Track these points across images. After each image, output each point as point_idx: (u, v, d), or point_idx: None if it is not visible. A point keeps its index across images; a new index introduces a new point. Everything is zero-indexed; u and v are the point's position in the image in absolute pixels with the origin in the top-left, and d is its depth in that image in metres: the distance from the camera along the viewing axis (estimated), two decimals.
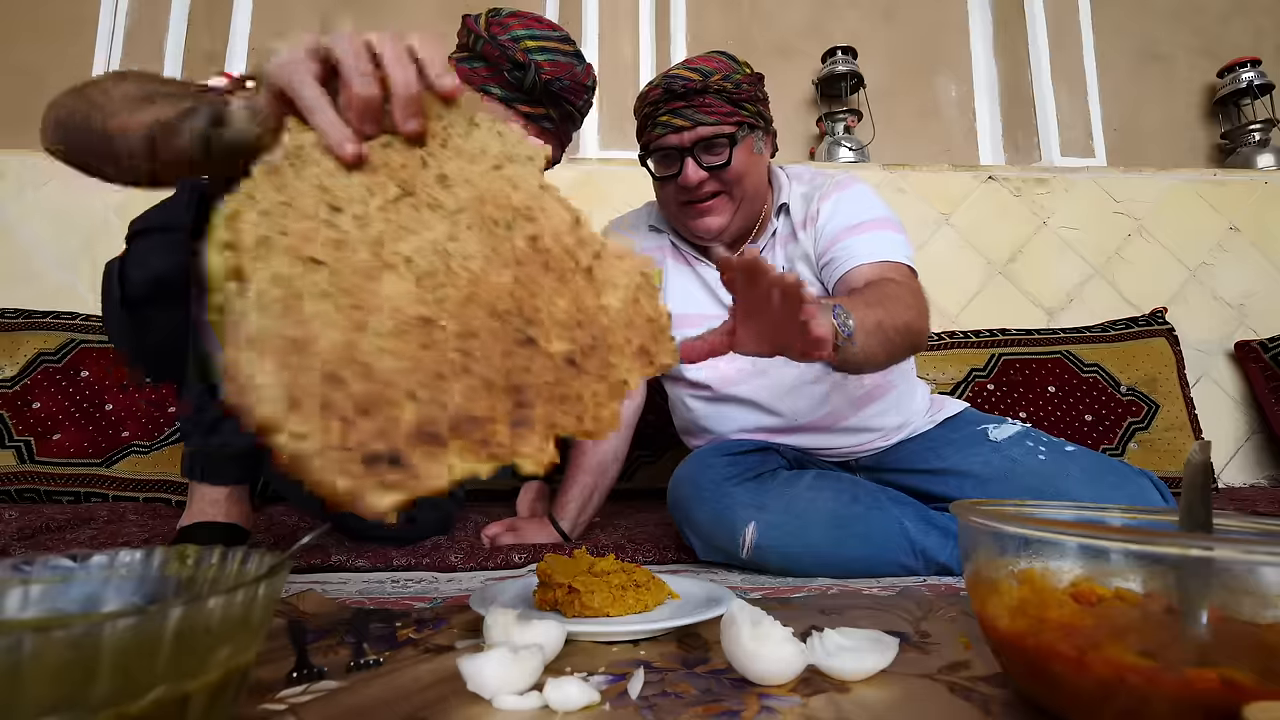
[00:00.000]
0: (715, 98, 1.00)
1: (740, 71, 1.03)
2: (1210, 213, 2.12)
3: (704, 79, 1.00)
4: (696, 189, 1.03)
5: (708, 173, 1.02)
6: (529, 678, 0.46)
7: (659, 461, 1.62)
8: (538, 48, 0.92)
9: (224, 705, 0.35)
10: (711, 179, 1.03)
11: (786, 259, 1.10)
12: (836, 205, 1.06)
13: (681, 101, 1.00)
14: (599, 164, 2.08)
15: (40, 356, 1.62)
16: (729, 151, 1.01)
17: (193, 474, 0.92)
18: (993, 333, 1.89)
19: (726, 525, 0.93)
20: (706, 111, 1.00)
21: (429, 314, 0.36)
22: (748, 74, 1.04)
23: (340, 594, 0.80)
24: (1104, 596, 0.43)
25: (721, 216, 1.06)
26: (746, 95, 1.02)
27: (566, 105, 0.95)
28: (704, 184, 1.03)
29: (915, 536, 0.93)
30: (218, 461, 0.91)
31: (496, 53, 0.91)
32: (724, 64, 1.03)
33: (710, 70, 1.01)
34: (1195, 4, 2.43)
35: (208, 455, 0.91)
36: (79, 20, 2.17)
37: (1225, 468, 1.94)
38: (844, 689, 0.47)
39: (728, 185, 1.04)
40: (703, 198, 1.04)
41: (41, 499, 1.44)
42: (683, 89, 1.00)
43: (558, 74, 0.92)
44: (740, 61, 1.06)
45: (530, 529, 1.12)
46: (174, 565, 0.44)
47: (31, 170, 1.97)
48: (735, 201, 1.06)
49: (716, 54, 1.06)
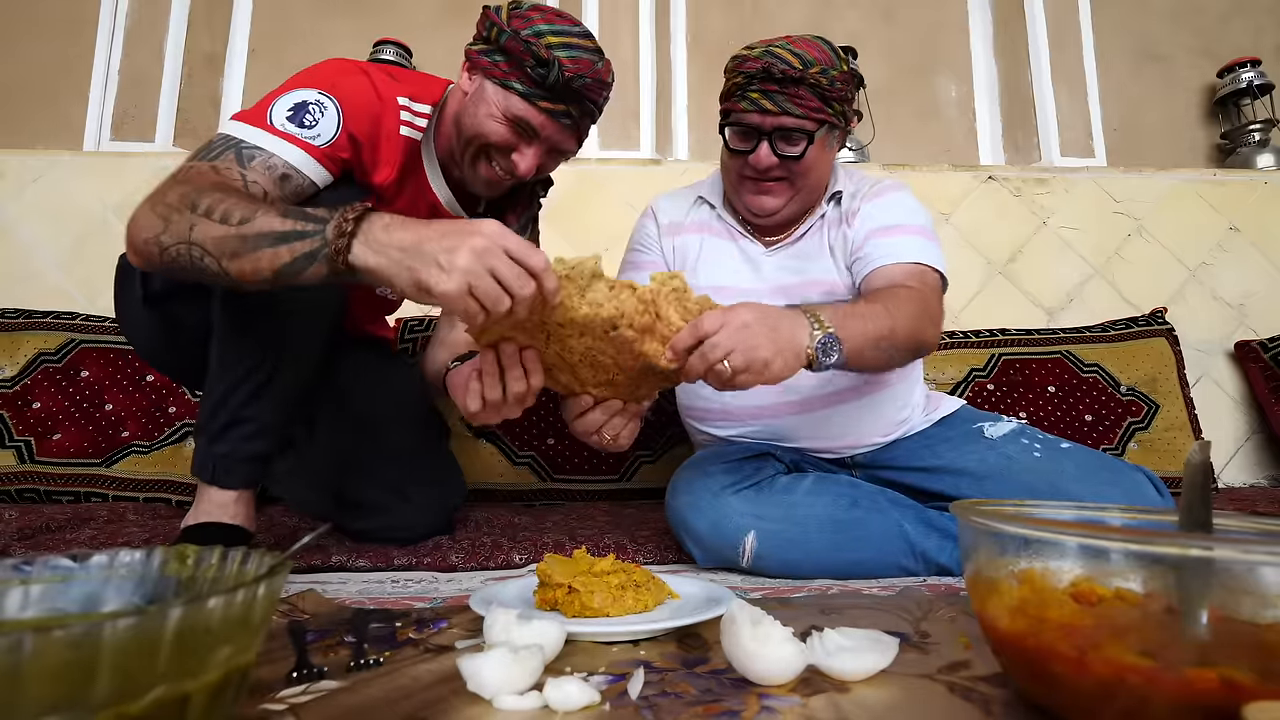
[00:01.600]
0: (809, 90, 0.99)
1: (838, 67, 1.01)
2: (1210, 213, 2.12)
3: (803, 69, 0.98)
4: (764, 171, 1.04)
5: (779, 159, 1.02)
6: (529, 678, 0.46)
7: (659, 461, 1.62)
8: (561, 44, 0.90)
9: (224, 705, 0.35)
10: (780, 166, 1.03)
11: (828, 245, 1.12)
12: (877, 207, 1.08)
13: (775, 85, 0.99)
14: (599, 164, 2.08)
15: (40, 356, 1.62)
16: (806, 146, 1.01)
17: (203, 475, 0.92)
18: (993, 333, 1.89)
19: (726, 535, 0.93)
20: (797, 102, 0.99)
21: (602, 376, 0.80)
22: (843, 71, 1.02)
23: (340, 594, 0.80)
24: (1104, 596, 0.43)
25: (779, 199, 1.07)
26: (838, 94, 1.01)
27: (587, 102, 0.94)
28: (773, 169, 1.04)
29: (915, 539, 0.93)
30: (229, 465, 0.92)
31: (520, 48, 0.90)
32: (826, 56, 1.01)
33: (812, 61, 0.99)
34: (1195, 4, 2.42)
35: (220, 458, 0.91)
36: (79, 20, 2.17)
37: (1225, 468, 1.94)
38: (844, 689, 0.47)
39: (793, 176, 1.05)
40: (768, 179, 1.06)
41: (41, 499, 1.44)
42: (781, 73, 0.98)
43: (580, 71, 0.91)
44: (841, 56, 1.04)
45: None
46: (174, 565, 0.44)
47: (31, 170, 1.97)
48: (795, 190, 1.07)
49: (820, 41, 1.03)
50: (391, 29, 2.21)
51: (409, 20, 2.25)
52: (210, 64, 2.23)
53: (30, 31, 2.18)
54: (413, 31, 2.21)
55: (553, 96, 0.92)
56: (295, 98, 0.88)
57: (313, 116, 0.87)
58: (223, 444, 0.91)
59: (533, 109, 0.92)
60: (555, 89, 0.91)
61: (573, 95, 0.92)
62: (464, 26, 2.24)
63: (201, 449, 0.93)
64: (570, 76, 0.90)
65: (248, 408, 0.91)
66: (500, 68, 0.92)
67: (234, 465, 0.92)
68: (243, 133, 0.85)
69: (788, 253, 1.13)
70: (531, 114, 0.93)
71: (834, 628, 0.52)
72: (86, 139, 2.12)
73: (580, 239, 1.97)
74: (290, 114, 0.87)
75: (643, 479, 1.59)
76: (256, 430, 0.92)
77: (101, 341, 1.66)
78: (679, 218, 1.19)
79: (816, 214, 1.13)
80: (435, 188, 1.05)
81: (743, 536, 0.92)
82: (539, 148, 0.96)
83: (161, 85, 2.13)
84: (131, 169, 1.98)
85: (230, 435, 0.91)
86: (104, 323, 1.71)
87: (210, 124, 2.21)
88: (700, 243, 1.16)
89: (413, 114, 0.97)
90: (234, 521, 0.92)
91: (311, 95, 0.89)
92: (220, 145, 0.84)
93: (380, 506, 1.06)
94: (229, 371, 0.91)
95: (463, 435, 1.57)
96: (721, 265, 1.14)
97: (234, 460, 0.92)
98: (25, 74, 2.16)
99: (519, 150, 0.95)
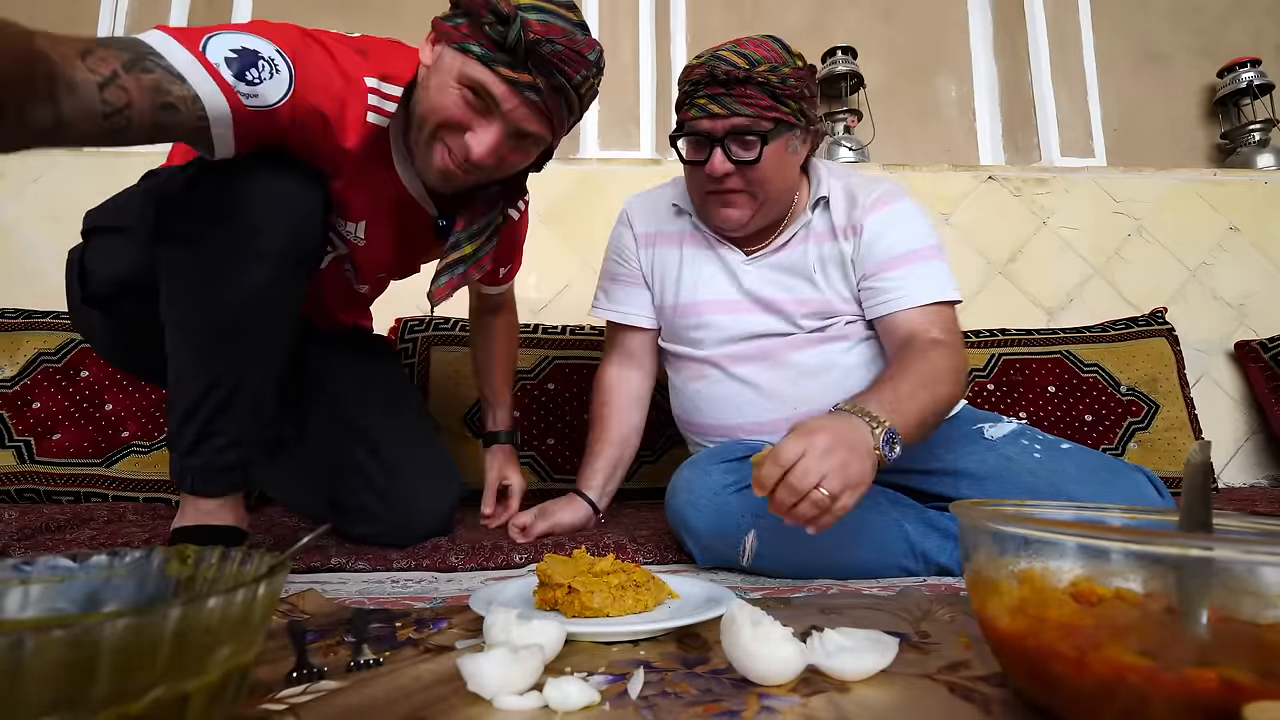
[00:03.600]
0: (757, 89, 0.96)
1: (790, 64, 0.98)
2: (1210, 213, 2.12)
3: (749, 68, 0.95)
4: (721, 180, 1.01)
5: (735, 166, 1.00)
6: (529, 678, 0.46)
7: (659, 461, 1.62)
8: (531, 5, 0.79)
9: (224, 705, 0.35)
10: (737, 174, 1.00)
11: (819, 258, 1.08)
12: (883, 224, 1.04)
13: (721, 88, 0.96)
14: (599, 164, 2.08)
15: (40, 356, 1.62)
16: (760, 149, 0.98)
17: (183, 485, 0.89)
18: (993, 333, 1.89)
19: (726, 534, 0.93)
20: (745, 103, 0.96)
21: None
22: (797, 67, 0.99)
23: (340, 594, 0.80)
24: (1104, 596, 0.43)
25: (743, 210, 1.05)
26: (791, 91, 0.97)
27: (558, 74, 0.81)
28: (729, 177, 1.01)
29: (915, 539, 0.93)
30: (208, 476, 0.88)
31: (479, 4, 0.79)
32: (774, 53, 0.98)
33: (758, 59, 0.96)
34: (1195, 4, 2.43)
35: (197, 470, 0.88)
36: (79, 20, 2.16)
37: (1225, 468, 1.94)
38: (844, 689, 0.47)
39: (752, 185, 1.02)
40: (726, 189, 1.03)
41: (41, 499, 1.44)
42: (725, 75, 0.95)
43: (548, 35, 0.78)
44: (793, 53, 1.00)
45: (557, 509, 1.11)
46: (174, 565, 0.44)
47: (31, 170, 1.97)
48: (758, 201, 1.04)
49: (769, 40, 1.00)
50: (391, 29, 2.19)
51: (409, 20, 2.25)
52: None
53: None
54: (413, 31, 2.20)
55: (515, 62, 0.79)
56: (245, 41, 0.72)
57: (258, 73, 0.72)
58: (195, 457, 0.86)
59: (490, 73, 0.79)
60: (517, 51, 0.78)
61: (540, 63, 0.79)
62: None
63: (176, 461, 0.89)
64: (535, 39, 0.78)
65: (213, 422, 0.85)
66: (460, 30, 0.81)
67: (212, 476, 0.88)
68: (163, 47, 0.68)
69: (769, 263, 1.10)
70: (488, 79, 0.80)
71: (834, 628, 0.52)
72: None
73: (580, 239, 1.97)
74: (233, 56, 0.71)
75: (642, 479, 1.58)
76: (228, 442, 0.87)
77: None
78: (655, 227, 1.17)
79: (799, 222, 1.09)
80: (404, 178, 0.95)
81: (743, 535, 0.92)
82: (499, 127, 0.83)
83: None
84: (131, 169, 1.97)
85: (202, 449, 0.86)
86: None
87: None
88: (680, 255, 1.14)
89: (382, 97, 0.85)
90: (224, 524, 0.90)
91: (266, 49, 0.73)
92: (128, 43, 0.66)
93: (376, 512, 1.04)
94: (188, 389, 0.85)
95: (463, 435, 1.57)
96: (704, 277, 1.12)
97: (211, 471, 0.87)
98: None
99: (474, 129, 0.83)
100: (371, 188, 0.93)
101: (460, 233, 0.95)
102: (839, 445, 0.71)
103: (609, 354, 1.23)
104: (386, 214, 0.97)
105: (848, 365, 1.07)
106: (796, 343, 1.07)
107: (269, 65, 0.73)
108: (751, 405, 1.09)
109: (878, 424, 0.77)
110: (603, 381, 1.21)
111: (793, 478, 0.68)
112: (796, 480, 0.68)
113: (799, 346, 1.07)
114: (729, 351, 1.10)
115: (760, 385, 1.08)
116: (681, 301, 1.13)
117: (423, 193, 0.98)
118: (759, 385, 1.08)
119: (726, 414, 1.11)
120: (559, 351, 1.70)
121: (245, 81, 0.72)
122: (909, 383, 0.86)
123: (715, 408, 1.12)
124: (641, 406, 1.20)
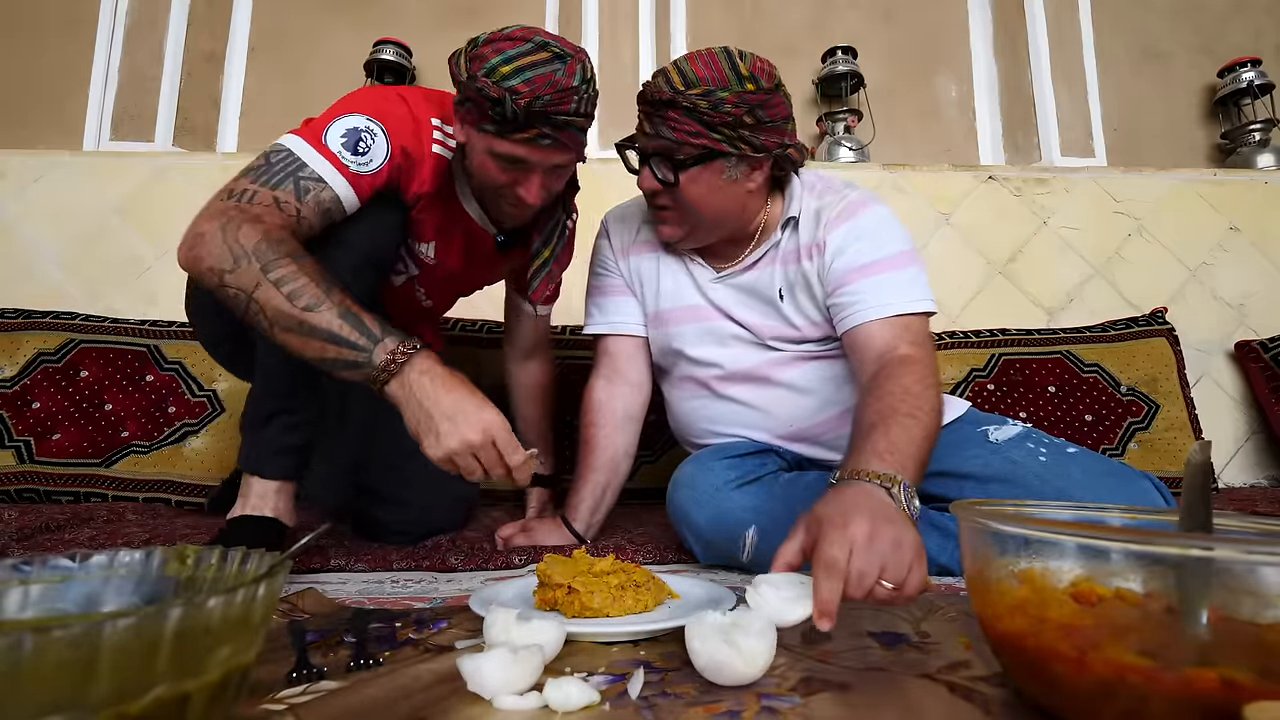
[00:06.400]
0: (682, 114, 0.92)
1: (733, 89, 0.91)
2: (1210, 213, 2.12)
3: (679, 90, 0.92)
4: (653, 197, 1.01)
5: (661, 185, 0.98)
6: (529, 678, 0.46)
7: (659, 461, 1.62)
8: (511, 71, 0.88)
9: (224, 705, 0.35)
10: (665, 193, 0.99)
11: (786, 281, 1.05)
12: (845, 238, 0.99)
13: (650, 107, 0.95)
14: (599, 164, 2.08)
15: (40, 356, 1.62)
16: (675, 174, 0.96)
17: (247, 465, 0.98)
18: (993, 333, 1.89)
19: (727, 529, 0.93)
20: (671, 126, 0.93)
21: None
22: (742, 92, 0.91)
23: (340, 594, 0.80)
24: (1104, 596, 0.43)
25: (676, 229, 1.03)
26: (724, 118, 0.91)
27: (558, 118, 0.92)
28: (658, 195, 1.00)
29: None
30: (269, 455, 0.97)
31: (476, 94, 0.90)
32: (715, 77, 0.92)
33: (695, 81, 0.92)
34: (1195, 3, 2.43)
35: (260, 447, 0.97)
36: (79, 20, 2.17)
37: (1225, 468, 1.94)
38: (844, 688, 0.47)
39: (680, 206, 0.99)
40: (658, 206, 1.02)
41: (41, 499, 1.44)
42: (653, 95, 0.94)
43: (536, 93, 0.88)
44: (745, 75, 0.92)
45: (543, 530, 1.11)
46: (174, 565, 0.44)
47: (32, 170, 1.97)
48: (687, 223, 1.02)
49: (720, 60, 0.94)
50: (392, 29, 2.21)
51: (409, 20, 2.25)
52: (210, 63, 2.23)
53: (30, 31, 2.18)
54: (413, 31, 2.21)
55: (521, 126, 0.91)
56: (348, 123, 0.93)
57: (365, 144, 0.92)
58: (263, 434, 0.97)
59: (509, 144, 0.93)
60: (519, 120, 0.90)
61: (540, 118, 0.90)
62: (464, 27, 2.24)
63: (246, 441, 1.00)
64: (527, 103, 0.88)
65: (291, 399, 0.97)
66: (472, 115, 0.93)
67: (274, 454, 0.97)
68: (302, 152, 0.90)
69: (736, 283, 1.08)
70: (510, 148, 0.93)
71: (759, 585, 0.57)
72: (86, 139, 2.12)
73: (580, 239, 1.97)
74: (344, 139, 0.92)
75: (642, 479, 1.59)
76: (297, 422, 0.98)
77: (101, 341, 1.66)
78: (630, 238, 1.17)
79: (768, 242, 1.05)
80: (467, 206, 1.08)
81: (744, 531, 0.92)
82: (537, 175, 0.97)
83: (161, 85, 2.13)
84: (131, 169, 1.98)
85: (270, 425, 0.97)
86: (103, 322, 1.71)
87: (210, 123, 2.22)
88: (657, 263, 1.14)
89: (444, 134, 1.01)
90: (274, 514, 0.96)
91: (361, 121, 0.93)
92: (281, 167, 0.89)
93: (401, 498, 1.10)
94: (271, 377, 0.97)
95: None
96: (673, 286, 1.12)
97: (273, 449, 0.97)
98: (25, 74, 2.16)
99: (520, 184, 0.98)
100: (439, 212, 1.06)
101: (538, 242, 1.12)
102: (877, 528, 0.62)
103: (597, 370, 1.19)
104: (453, 234, 1.11)
105: (839, 378, 1.06)
106: (783, 360, 1.06)
107: (369, 135, 0.93)
108: (745, 424, 1.09)
109: (892, 483, 0.71)
110: (590, 400, 1.17)
111: (851, 589, 0.59)
112: (856, 589, 0.59)
113: (786, 364, 1.06)
114: (714, 374, 1.09)
115: (753, 404, 1.08)
116: (662, 308, 1.13)
117: (482, 215, 1.10)
118: (751, 404, 1.08)
119: (720, 434, 1.11)
120: (559, 351, 1.70)
121: (357, 154, 0.92)
122: (898, 423, 0.79)
123: (712, 425, 1.12)
124: (633, 425, 1.16)
